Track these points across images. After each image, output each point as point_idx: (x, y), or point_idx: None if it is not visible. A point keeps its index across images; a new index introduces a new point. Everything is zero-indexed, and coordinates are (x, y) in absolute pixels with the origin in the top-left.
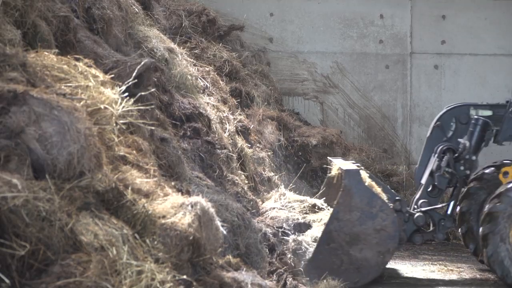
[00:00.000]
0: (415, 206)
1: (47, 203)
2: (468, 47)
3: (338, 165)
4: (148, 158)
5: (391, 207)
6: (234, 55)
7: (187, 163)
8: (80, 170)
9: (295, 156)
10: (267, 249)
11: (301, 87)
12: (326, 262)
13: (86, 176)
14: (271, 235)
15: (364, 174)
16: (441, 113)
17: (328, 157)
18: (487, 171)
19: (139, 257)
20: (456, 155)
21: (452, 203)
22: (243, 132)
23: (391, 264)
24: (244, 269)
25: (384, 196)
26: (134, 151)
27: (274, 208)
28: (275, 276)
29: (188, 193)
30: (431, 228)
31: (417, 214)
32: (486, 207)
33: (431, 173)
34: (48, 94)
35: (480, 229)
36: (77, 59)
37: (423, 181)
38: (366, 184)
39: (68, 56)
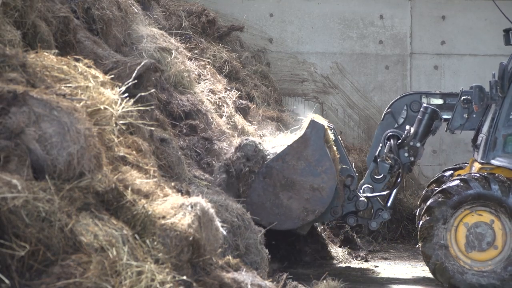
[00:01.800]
0: (361, 190)
1: (47, 204)
2: (468, 48)
3: (311, 117)
4: (148, 158)
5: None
6: (234, 56)
7: (186, 161)
8: (80, 170)
9: None
10: None
11: (301, 87)
12: (257, 192)
13: (86, 176)
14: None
15: (330, 135)
16: (393, 100)
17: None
18: (446, 174)
19: (139, 258)
20: (400, 141)
21: (394, 192)
22: (243, 109)
23: (391, 265)
24: (244, 269)
25: (337, 163)
26: (134, 152)
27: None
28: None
29: (188, 193)
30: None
31: (361, 199)
32: (428, 201)
33: (375, 159)
34: (48, 95)
35: (420, 222)
36: (77, 60)
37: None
38: (328, 144)
39: (68, 57)
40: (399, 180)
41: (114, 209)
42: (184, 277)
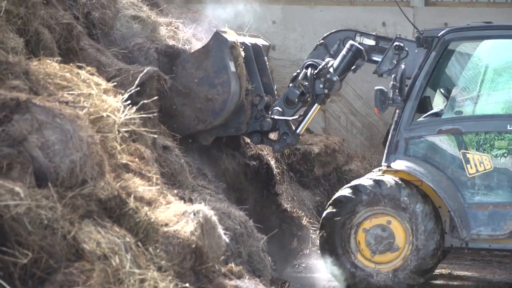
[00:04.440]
0: (269, 111)
1: (50, 211)
2: None
3: (221, 30)
4: (151, 166)
5: (250, 99)
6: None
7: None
8: (82, 178)
9: (298, 164)
10: None
11: None
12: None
13: (89, 184)
14: None
15: (240, 52)
16: (327, 33)
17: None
18: None
19: (141, 266)
20: (316, 71)
21: (304, 121)
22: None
23: None
24: (247, 277)
25: (243, 80)
26: (137, 159)
27: None
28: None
29: (191, 201)
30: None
31: (267, 119)
32: (336, 194)
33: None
34: (50, 102)
35: (324, 213)
36: (80, 67)
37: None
38: (236, 60)
39: (71, 64)
40: (311, 110)
41: (117, 216)
42: (187, 285)
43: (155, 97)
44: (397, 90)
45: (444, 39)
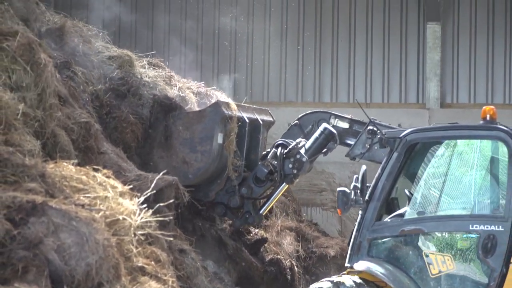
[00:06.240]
0: (239, 188)
1: None
2: None
3: (223, 100)
4: (167, 269)
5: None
6: None
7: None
8: (98, 281)
9: (314, 267)
10: None
11: (320, 197)
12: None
13: (105, 287)
14: None
15: (235, 127)
16: (303, 114)
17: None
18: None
19: None
20: (286, 151)
21: (270, 201)
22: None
23: None
24: None
25: (228, 153)
26: (153, 262)
27: None
28: None
29: None
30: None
31: (235, 197)
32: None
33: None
34: (66, 205)
35: None
36: (96, 170)
37: None
38: (229, 134)
39: (87, 167)
40: (279, 189)
41: None
42: None
43: (171, 200)
44: (358, 191)
45: (406, 140)
